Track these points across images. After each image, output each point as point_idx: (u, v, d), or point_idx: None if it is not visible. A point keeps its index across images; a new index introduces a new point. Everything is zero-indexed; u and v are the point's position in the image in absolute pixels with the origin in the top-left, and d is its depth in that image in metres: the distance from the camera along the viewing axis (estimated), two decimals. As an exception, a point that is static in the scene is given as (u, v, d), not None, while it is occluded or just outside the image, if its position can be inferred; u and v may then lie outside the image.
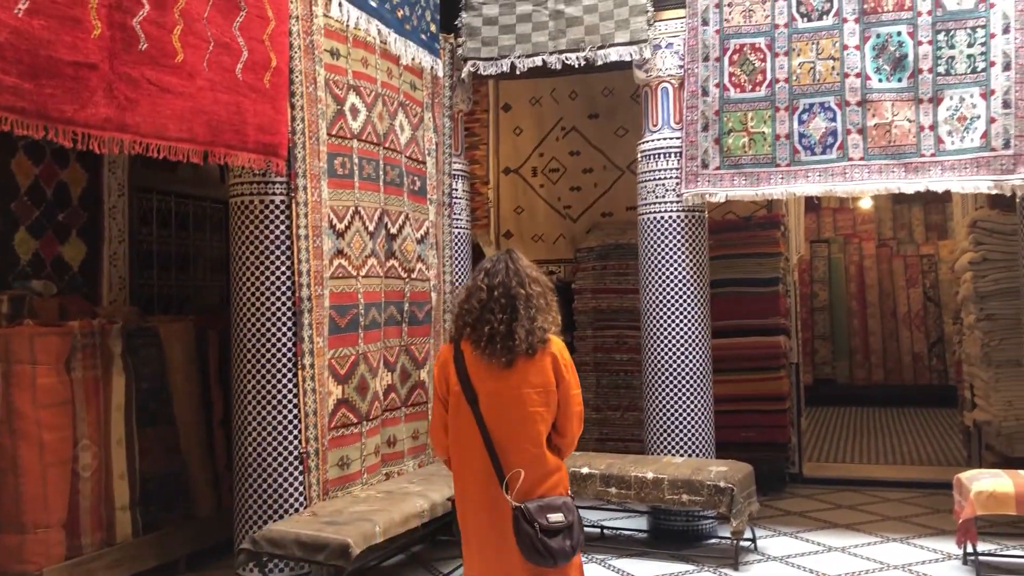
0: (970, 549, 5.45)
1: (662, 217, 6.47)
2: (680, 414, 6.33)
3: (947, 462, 9.19)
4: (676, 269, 6.41)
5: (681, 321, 6.37)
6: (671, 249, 6.42)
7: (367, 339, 5.55)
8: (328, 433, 5.16)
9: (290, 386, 4.98)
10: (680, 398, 6.33)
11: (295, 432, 4.98)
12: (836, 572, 5.49)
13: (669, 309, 6.39)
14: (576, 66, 6.61)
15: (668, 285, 6.41)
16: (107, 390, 5.26)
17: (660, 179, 6.50)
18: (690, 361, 6.35)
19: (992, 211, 7.58)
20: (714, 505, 5.64)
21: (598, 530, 6.56)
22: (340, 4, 5.40)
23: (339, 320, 5.30)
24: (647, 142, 6.59)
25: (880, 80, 5.92)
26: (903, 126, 5.87)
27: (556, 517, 3.04)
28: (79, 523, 5.04)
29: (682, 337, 6.36)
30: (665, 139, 6.48)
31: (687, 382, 6.33)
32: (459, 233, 7.21)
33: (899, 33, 5.88)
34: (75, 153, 6.02)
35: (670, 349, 6.37)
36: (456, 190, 7.15)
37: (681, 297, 6.38)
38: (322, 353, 5.15)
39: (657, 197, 6.51)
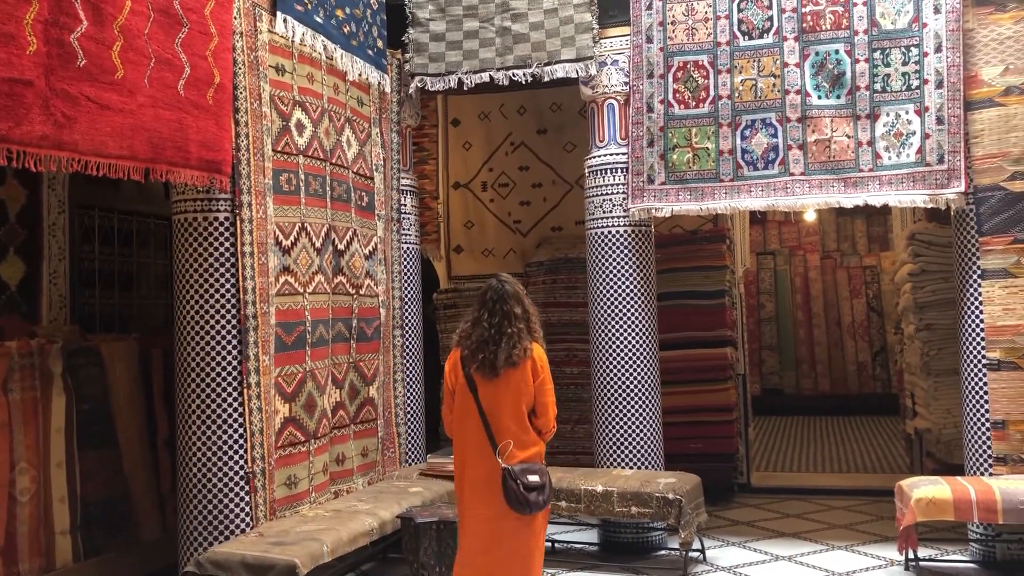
0: (911, 555, 5.57)
1: (609, 232, 6.53)
2: (629, 426, 6.38)
3: (891, 469, 9.38)
4: (624, 283, 6.47)
5: (629, 334, 6.43)
6: (619, 263, 6.49)
7: (314, 356, 5.51)
8: (275, 452, 5.11)
9: (235, 405, 4.92)
10: (629, 410, 6.38)
11: (241, 451, 4.92)
12: (783, 581, 5.58)
13: (617, 322, 6.45)
14: (523, 82, 6.67)
15: (616, 299, 6.46)
16: (46, 411, 5.15)
17: (607, 194, 6.57)
18: (638, 374, 6.41)
19: (930, 224, 7.77)
20: (663, 517, 5.69)
21: (549, 544, 6.57)
22: (285, 20, 5.39)
23: (286, 337, 5.26)
24: (594, 157, 6.66)
25: (819, 97, 6.06)
26: (842, 142, 6.01)
27: (534, 478, 4.02)
28: (16, 549, 4.90)
29: (630, 350, 6.42)
30: (612, 155, 6.56)
31: (636, 395, 6.39)
32: (408, 248, 7.20)
33: (837, 51, 6.04)
34: (12, 170, 5.88)
35: (618, 362, 6.42)
36: (405, 205, 7.15)
37: (629, 310, 6.45)
38: (268, 371, 5.10)
39: (604, 212, 6.57)
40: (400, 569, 5.88)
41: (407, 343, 7.07)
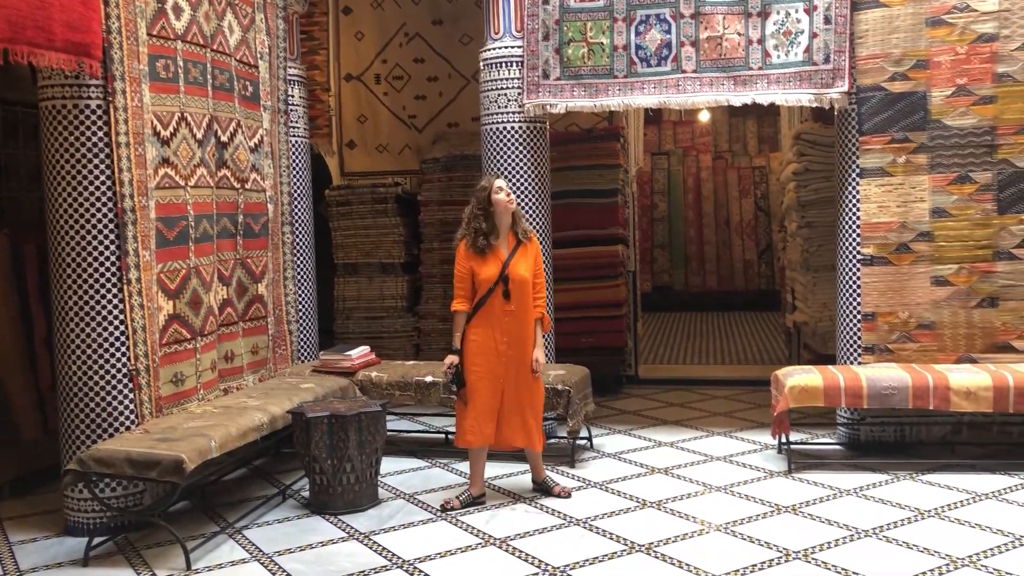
0: (784, 439, 5.91)
1: (504, 128, 6.47)
2: (521, 322, 6.46)
3: (770, 361, 9.86)
4: (519, 180, 6.45)
5: (523, 231, 6.45)
6: (513, 160, 6.45)
7: (199, 252, 5.34)
8: (159, 349, 4.99)
9: (115, 301, 4.75)
10: (521, 306, 6.45)
11: (123, 349, 4.78)
12: (665, 465, 5.85)
13: (511, 219, 6.45)
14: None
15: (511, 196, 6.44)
16: (-91, 310, 4.88)
17: (502, 89, 6.47)
18: (531, 270, 6.46)
19: (815, 124, 7.99)
20: (552, 407, 5.85)
21: (443, 436, 6.70)
22: None
23: (167, 233, 5.07)
24: (489, 50, 6.53)
25: (713, -7, 6.06)
26: (733, 39, 6.06)
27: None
28: None
29: (524, 247, 6.45)
30: (507, 48, 6.44)
31: (528, 291, 6.45)
32: (297, 142, 6.99)
33: (731, -53, 6.01)
34: None
35: (512, 259, 6.45)
36: (293, 96, 6.90)
37: (524, 207, 6.45)
38: (149, 267, 4.93)
39: (500, 107, 6.49)
40: (292, 463, 5.91)
41: (297, 240, 6.94)
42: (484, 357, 5.07)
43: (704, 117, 15.40)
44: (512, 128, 6.45)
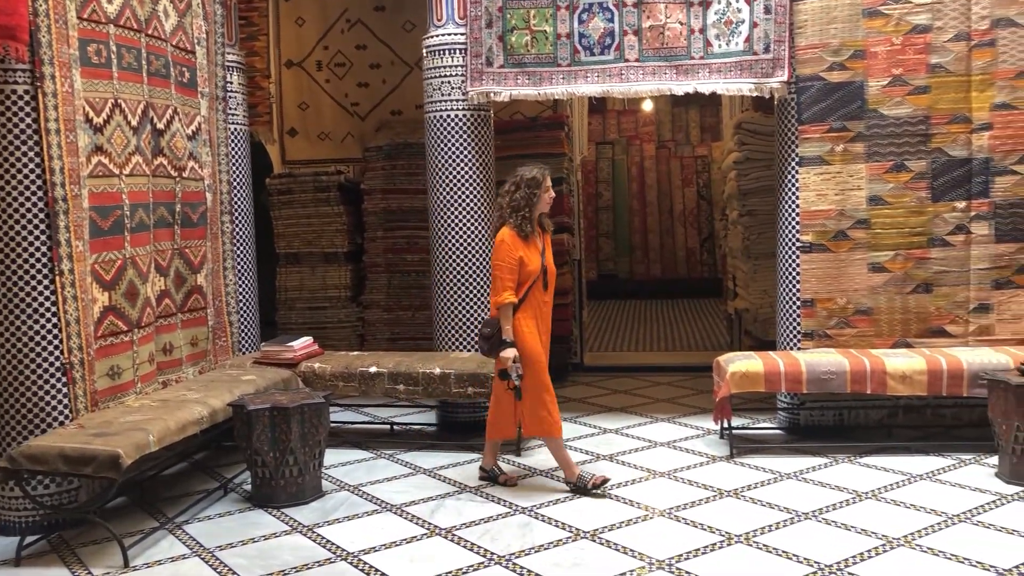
0: (726, 424, 5.99)
1: (448, 115, 6.42)
2: (468, 311, 6.45)
3: (713, 347, 9.99)
4: (463, 168, 6.42)
5: (469, 220, 6.43)
6: (458, 148, 6.41)
7: (135, 242, 5.21)
8: (95, 342, 4.86)
9: (47, 293, 4.61)
10: (468, 296, 6.44)
11: (56, 342, 4.64)
12: (610, 452, 5.89)
13: (457, 208, 6.42)
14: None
15: (456, 185, 6.42)
16: None
17: (446, 76, 6.42)
18: (478, 260, 6.44)
19: (756, 113, 8.09)
20: (498, 397, 5.84)
21: (388, 426, 6.66)
22: None
23: (101, 222, 4.93)
24: (432, 37, 6.47)
25: (655, -18, 6.08)
26: (675, 28, 6.09)
27: (486, 329, 5.01)
28: None
29: (470, 236, 6.43)
30: (450, 35, 6.38)
31: (475, 280, 6.44)
32: (236, 129, 6.86)
33: (673, -64, 6.03)
34: None
35: (458, 248, 6.43)
36: (231, 83, 6.76)
37: (469, 196, 6.42)
38: (83, 258, 4.79)
39: (443, 95, 6.44)
40: (234, 457, 5.82)
41: (237, 229, 6.81)
42: (539, 347, 5.10)
43: (648, 106, 15.51)
44: (456, 116, 6.41)
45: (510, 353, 4.91)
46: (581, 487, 5.05)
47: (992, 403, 5.14)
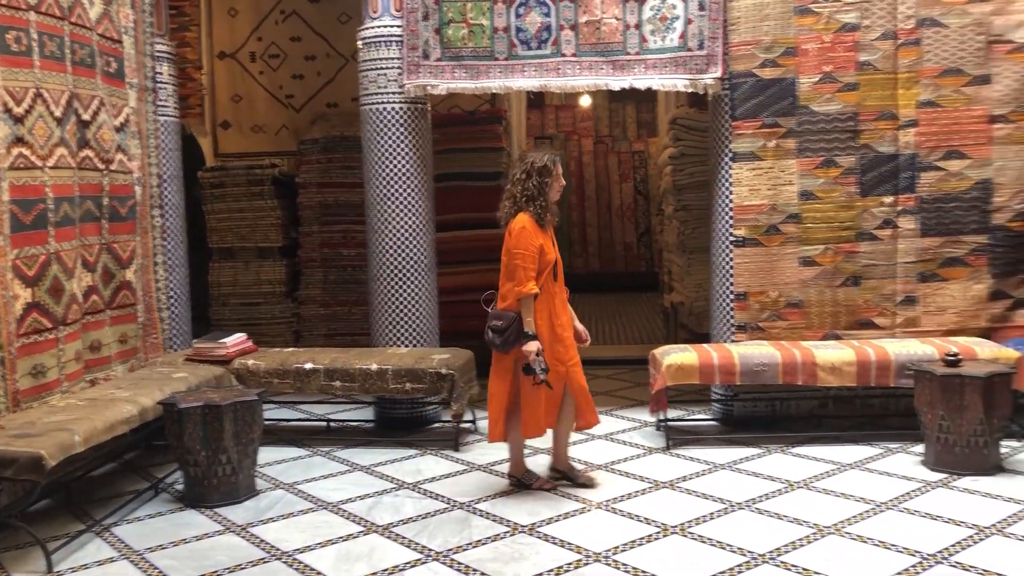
0: (662, 416, 6.05)
1: (385, 108, 6.36)
2: (405, 306, 6.40)
3: (649, 340, 10.06)
4: (400, 162, 6.36)
5: (405, 214, 6.38)
6: (394, 142, 6.35)
7: (59, 237, 5.05)
8: (16, 340, 4.69)
9: (-35, 290, 4.45)
10: (405, 291, 6.39)
11: (-25, 341, 4.47)
12: (547, 445, 5.90)
13: (393, 203, 6.37)
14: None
15: (392, 178, 6.36)
16: None
17: (382, 69, 6.36)
18: (415, 254, 6.40)
19: (690, 109, 8.19)
20: (436, 391, 5.83)
21: (324, 424, 6.58)
22: None
23: (23, 216, 4.76)
24: (367, 29, 6.40)
25: (591, -23, 6.10)
26: (611, 24, 6.12)
27: (496, 322, 4.82)
28: None
29: (407, 230, 6.38)
30: (386, 27, 6.32)
31: (411, 275, 6.40)
32: (166, 122, 6.70)
33: (609, -69, 6.06)
34: None
35: (395, 242, 6.38)
36: (161, 74, 6.59)
37: (405, 190, 6.37)
38: (4, 253, 4.62)
39: (379, 87, 6.37)
40: (165, 456, 5.68)
41: (168, 224, 6.66)
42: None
43: (585, 102, 15.58)
44: (393, 109, 6.35)
45: (533, 346, 4.70)
46: (526, 484, 5.05)
47: (918, 393, 5.28)
